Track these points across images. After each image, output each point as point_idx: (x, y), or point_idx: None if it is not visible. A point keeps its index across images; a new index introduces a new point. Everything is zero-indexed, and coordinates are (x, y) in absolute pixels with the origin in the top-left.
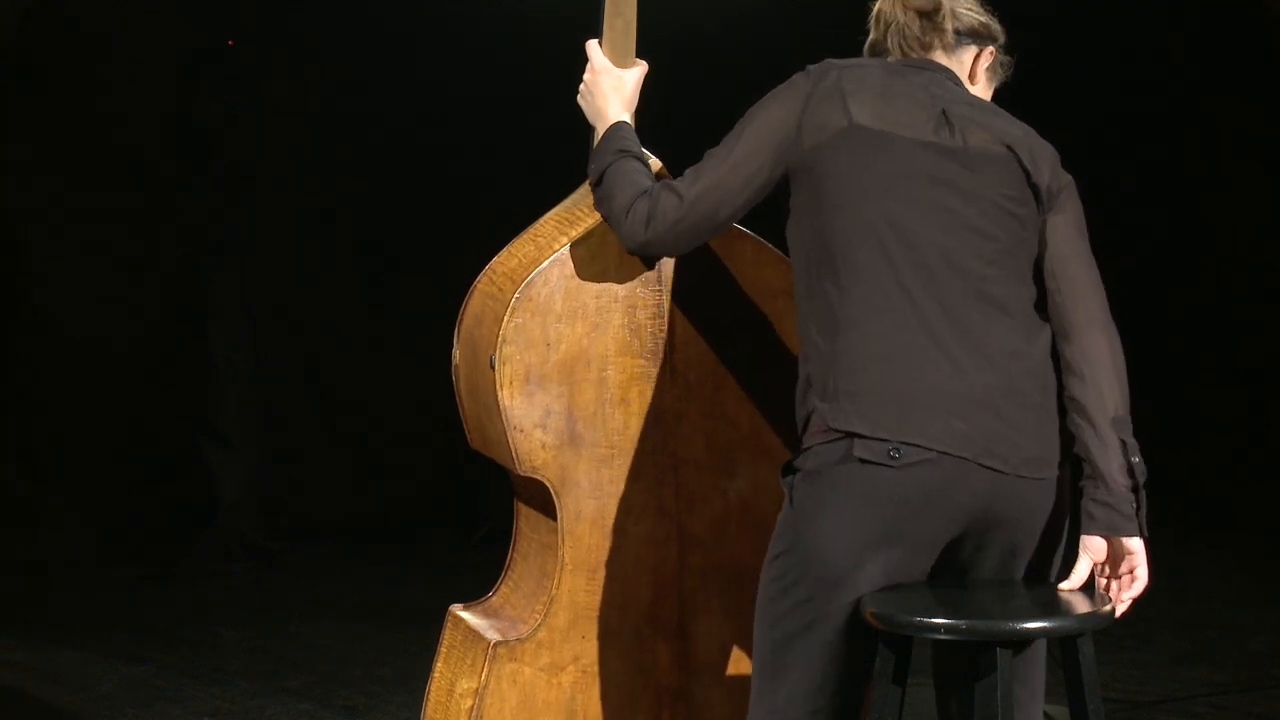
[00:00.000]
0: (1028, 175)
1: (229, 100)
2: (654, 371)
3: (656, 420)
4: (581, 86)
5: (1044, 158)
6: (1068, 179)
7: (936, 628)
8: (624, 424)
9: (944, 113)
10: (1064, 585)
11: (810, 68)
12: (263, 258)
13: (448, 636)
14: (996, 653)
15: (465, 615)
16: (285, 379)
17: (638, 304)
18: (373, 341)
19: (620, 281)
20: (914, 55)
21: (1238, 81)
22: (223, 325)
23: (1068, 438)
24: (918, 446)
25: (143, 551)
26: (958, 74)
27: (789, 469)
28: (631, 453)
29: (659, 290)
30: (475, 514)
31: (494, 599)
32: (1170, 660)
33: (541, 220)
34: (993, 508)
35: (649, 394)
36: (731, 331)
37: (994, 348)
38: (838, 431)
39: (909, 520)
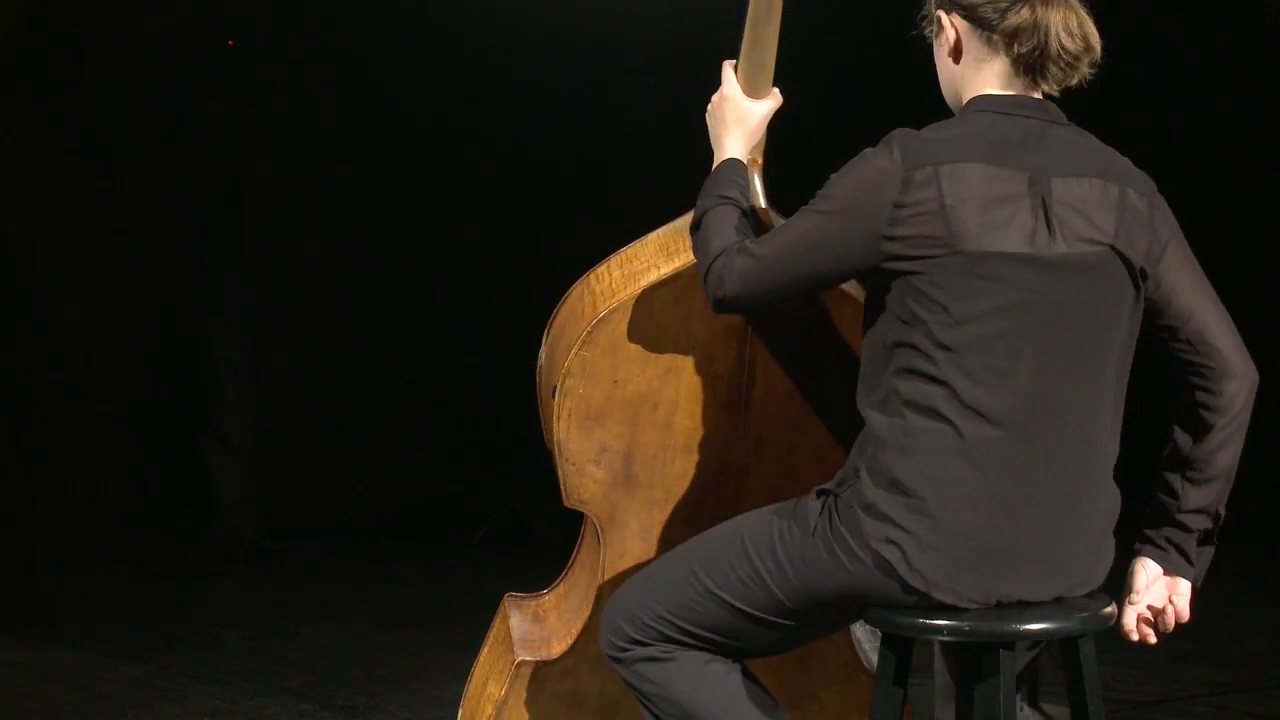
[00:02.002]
0: (1130, 270)
1: (229, 101)
2: (726, 424)
3: (720, 472)
4: (710, 106)
5: (1138, 215)
6: (1164, 216)
7: (939, 629)
8: (684, 471)
9: (1043, 204)
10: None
11: (894, 146)
12: (263, 257)
13: (497, 627)
14: (999, 654)
15: (513, 613)
16: (286, 379)
17: (717, 354)
18: (373, 341)
19: (703, 329)
20: (1038, 86)
21: (1237, 82)
22: (223, 325)
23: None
24: (943, 604)
25: (143, 551)
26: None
27: (824, 493)
28: (688, 500)
29: (743, 343)
30: (475, 514)
31: (548, 598)
32: (1170, 660)
33: (646, 239)
34: None
35: (716, 445)
36: (818, 395)
37: (1061, 496)
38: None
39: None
